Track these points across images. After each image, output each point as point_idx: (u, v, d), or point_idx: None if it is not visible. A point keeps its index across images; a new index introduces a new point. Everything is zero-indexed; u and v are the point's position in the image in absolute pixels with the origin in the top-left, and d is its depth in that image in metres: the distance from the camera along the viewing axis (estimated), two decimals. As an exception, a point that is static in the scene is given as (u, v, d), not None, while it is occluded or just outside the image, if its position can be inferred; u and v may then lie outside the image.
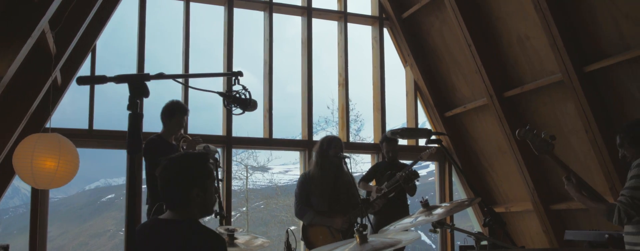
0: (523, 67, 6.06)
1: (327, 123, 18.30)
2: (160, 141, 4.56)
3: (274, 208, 22.03)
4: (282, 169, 27.94)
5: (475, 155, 7.21)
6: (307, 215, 4.69)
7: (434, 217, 2.58)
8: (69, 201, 29.57)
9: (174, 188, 2.32)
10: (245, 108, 2.41)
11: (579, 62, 5.31)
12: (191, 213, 2.36)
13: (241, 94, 2.40)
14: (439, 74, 7.22)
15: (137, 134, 1.79)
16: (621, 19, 4.97)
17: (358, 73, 7.76)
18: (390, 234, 3.01)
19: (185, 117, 4.69)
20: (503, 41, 6.14)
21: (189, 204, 2.33)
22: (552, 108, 5.92)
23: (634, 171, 3.02)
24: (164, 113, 4.62)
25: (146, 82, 1.83)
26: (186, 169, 2.34)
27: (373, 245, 2.82)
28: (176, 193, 2.32)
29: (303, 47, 6.90)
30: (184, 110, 4.67)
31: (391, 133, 2.84)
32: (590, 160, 5.72)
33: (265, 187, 24.32)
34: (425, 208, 2.68)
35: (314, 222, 4.68)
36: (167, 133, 4.64)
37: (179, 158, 2.40)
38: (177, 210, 2.35)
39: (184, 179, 2.32)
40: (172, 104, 4.64)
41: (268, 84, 6.64)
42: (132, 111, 1.78)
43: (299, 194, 4.78)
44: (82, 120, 5.87)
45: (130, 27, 6.26)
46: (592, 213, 3.39)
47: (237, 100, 2.38)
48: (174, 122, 4.60)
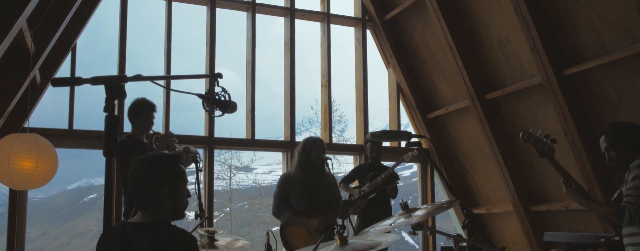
0: (504, 70, 6.12)
1: (310, 124, 18.30)
2: (132, 142, 4.46)
3: (257, 209, 21.97)
4: (265, 170, 27.85)
5: (456, 157, 7.26)
6: (285, 214, 4.68)
7: (414, 219, 2.59)
8: (49, 201, 29.17)
9: (145, 187, 2.30)
10: (224, 110, 2.40)
11: (559, 66, 5.38)
12: (162, 214, 2.33)
13: (221, 96, 2.39)
14: (421, 76, 7.26)
15: (114, 136, 1.78)
16: (599, 24, 5.04)
17: (341, 74, 7.79)
18: (371, 236, 3.02)
19: (153, 114, 4.56)
20: (484, 44, 6.19)
21: (159, 204, 2.31)
22: (532, 110, 5.99)
23: (635, 172, 2.98)
24: (132, 112, 4.51)
25: (124, 84, 1.83)
26: (157, 168, 2.32)
27: (353, 247, 2.83)
28: (147, 192, 2.30)
29: (286, 47, 6.90)
30: (151, 106, 4.54)
31: (371, 135, 2.85)
32: (568, 162, 5.78)
33: (249, 187, 24.23)
34: (404, 210, 2.70)
35: (291, 221, 4.68)
36: (137, 131, 4.53)
37: (150, 157, 2.38)
38: (148, 211, 2.32)
39: (154, 177, 2.31)
40: (138, 101, 4.52)
41: (251, 84, 6.62)
42: (108, 113, 1.77)
43: (278, 194, 4.79)
44: (62, 120, 5.81)
45: (112, 27, 6.20)
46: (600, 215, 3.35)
47: (217, 102, 2.38)
48: (143, 120, 4.49)
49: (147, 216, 2.32)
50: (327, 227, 4.71)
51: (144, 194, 2.32)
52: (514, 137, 6.33)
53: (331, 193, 4.73)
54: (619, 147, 3.17)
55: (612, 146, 3.19)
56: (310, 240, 4.60)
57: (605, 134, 3.24)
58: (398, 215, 2.73)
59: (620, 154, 3.17)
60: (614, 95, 5.15)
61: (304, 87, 18.82)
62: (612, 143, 3.19)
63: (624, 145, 3.15)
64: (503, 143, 6.35)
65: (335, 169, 4.94)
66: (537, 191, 6.31)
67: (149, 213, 2.32)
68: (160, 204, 2.31)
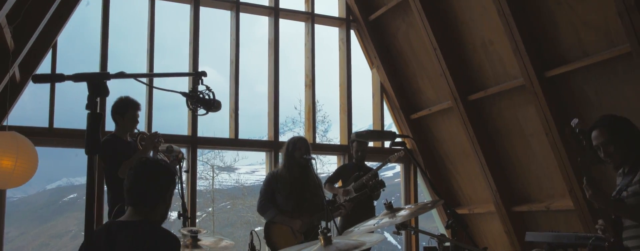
0: (487, 71, 6.17)
1: (294, 124, 18.27)
2: (116, 140, 4.40)
3: (240, 209, 21.90)
4: (248, 170, 27.71)
5: (439, 157, 7.30)
6: (270, 212, 4.68)
7: (398, 219, 2.60)
8: (28, 200, 28.74)
9: (147, 188, 2.41)
10: (208, 109, 2.38)
11: (541, 68, 5.43)
12: (153, 215, 2.42)
13: (205, 95, 2.38)
14: (405, 77, 7.29)
15: (96, 134, 1.75)
16: (580, 27, 5.11)
17: (325, 75, 7.78)
18: (355, 236, 3.02)
19: (138, 112, 4.50)
20: (467, 45, 6.24)
21: (156, 206, 2.42)
22: (514, 112, 6.04)
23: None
24: (116, 111, 4.45)
25: (106, 82, 1.80)
26: (165, 174, 2.47)
27: (337, 247, 2.83)
28: (147, 193, 2.40)
29: (270, 47, 6.88)
30: (135, 105, 4.48)
31: (356, 134, 2.84)
32: (550, 163, 5.86)
33: (232, 187, 24.11)
34: (388, 210, 2.70)
35: (275, 220, 4.68)
36: (121, 130, 4.48)
37: (156, 162, 2.53)
38: (141, 209, 2.40)
39: (162, 182, 2.44)
40: (122, 100, 4.46)
41: (234, 84, 6.59)
42: (91, 111, 1.74)
43: (264, 191, 4.78)
44: (42, 118, 5.72)
45: (94, 25, 6.13)
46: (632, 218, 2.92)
47: (201, 100, 2.36)
48: (128, 119, 4.43)
49: (137, 214, 2.40)
50: (310, 229, 4.71)
51: (143, 195, 2.41)
52: (496, 138, 6.39)
53: (317, 194, 4.73)
54: (619, 142, 2.90)
55: (611, 141, 2.90)
56: (294, 240, 4.60)
57: (603, 127, 2.94)
58: (382, 214, 2.73)
59: (618, 149, 2.91)
60: (593, 96, 5.21)
61: (288, 87, 18.80)
62: (611, 137, 2.90)
63: (625, 141, 2.89)
64: (485, 144, 6.40)
65: (318, 170, 4.94)
66: (519, 191, 6.37)
67: (141, 212, 2.40)
68: (156, 207, 2.41)
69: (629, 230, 2.92)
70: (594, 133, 2.95)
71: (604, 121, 2.97)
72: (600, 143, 2.93)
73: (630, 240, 2.91)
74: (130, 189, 2.43)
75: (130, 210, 2.44)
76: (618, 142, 2.89)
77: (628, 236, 2.92)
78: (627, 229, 2.92)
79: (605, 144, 2.91)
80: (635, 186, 2.85)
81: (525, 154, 6.13)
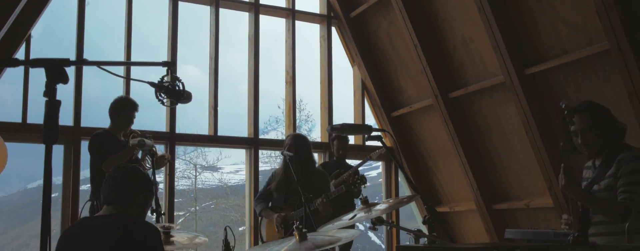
0: (467, 69, 6.16)
1: (278, 123, 18.18)
2: (107, 136, 4.47)
3: (224, 208, 21.84)
4: (232, 169, 27.57)
5: (420, 155, 7.28)
6: (258, 206, 4.82)
7: (373, 214, 2.55)
8: (8, 200, 28.32)
9: (129, 185, 2.49)
10: (178, 100, 2.32)
11: (520, 65, 5.43)
12: (130, 209, 2.48)
13: (174, 85, 2.31)
14: (386, 74, 7.26)
15: (55, 123, 1.69)
16: (559, 24, 5.11)
17: (309, 73, 7.69)
18: (330, 231, 2.98)
19: (134, 113, 4.60)
20: (448, 43, 6.22)
21: (131, 203, 2.48)
22: (495, 109, 6.04)
23: (632, 166, 2.66)
24: (113, 109, 4.55)
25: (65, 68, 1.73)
26: (143, 175, 2.60)
27: (313, 242, 2.78)
28: (129, 190, 2.48)
29: (250, 43, 6.81)
30: (133, 105, 4.59)
31: (330, 128, 2.79)
32: (530, 161, 5.86)
33: (215, 187, 24.00)
34: (364, 205, 2.66)
35: (261, 214, 4.82)
36: (115, 128, 4.56)
37: (135, 168, 2.64)
38: (116, 205, 2.46)
39: (139, 181, 2.54)
40: (121, 99, 4.61)
41: (214, 80, 6.51)
42: (49, 98, 1.67)
43: (262, 188, 4.94)
44: (15, 113, 5.60)
45: (70, 19, 5.99)
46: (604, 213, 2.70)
47: (170, 91, 2.29)
48: (122, 118, 4.52)
49: (113, 209, 2.46)
50: (291, 224, 4.72)
51: (125, 192, 2.49)
52: (476, 135, 6.38)
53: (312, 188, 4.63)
54: (599, 131, 2.76)
55: (591, 127, 2.75)
56: (277, 234, 4.69)
57: (585, 113, 2.79)
58: (358, 209, 2.69)
59: (597, 138, 2.77)
60: (573, 94, 5.22)
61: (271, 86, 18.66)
62: (592, 123, 2.75)
63: (604, 129, 2.76)
64: (466, 142, 6.39)
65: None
66: (499, 189, 6.38)
67: (116, 207, 2.46)
68: (131, 203, 2.47)
69: (598, 226, 2.83)
70: (575, 117, 2.79)
71: (585, 106, 2.83)
72: (579, 129, 2.79)
73: (599, 236, 2.81)
74: (106, 188, 2.51)
75: (104, 208, 2.49)
76: (598, 130, 2.77)
77: (597, 233, 2.82)
78: (597, 225, 2.83)
79: (584, 131, 2.78)
80: (608, 179, 2.77)
81: (505, 152, 6.13)
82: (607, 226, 2.80)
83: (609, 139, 2.82)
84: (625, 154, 2.75)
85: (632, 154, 2.76)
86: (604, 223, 2.82)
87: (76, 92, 5.68)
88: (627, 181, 2.70)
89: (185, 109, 6.19)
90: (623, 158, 2.74)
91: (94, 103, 6.34)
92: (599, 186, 2.82)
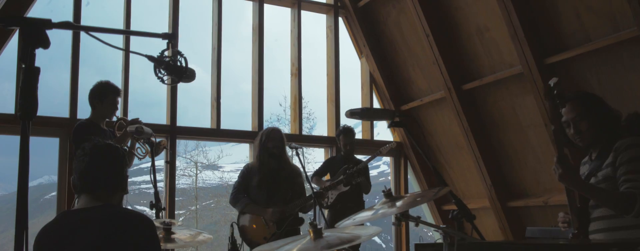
0: (482, 59, 5.88)
1: (279, 121, 17.98)
2: (92, 126, 4.15)
3: (224, 207, 21.80)
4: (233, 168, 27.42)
5: (431, 150, 7.00)
6: (240, 202, 4.58)
7: (397, 208, 2.28)
8: (9, 198, 28.15)
9: (111, 172, 2.20)
10: (180, 77, 2.04)
11: (540, 54, 5.16)
12: (114, 198, 2.20)
13: (176, 61, 2.04)
14: (395, 66, 6.98)
15: (33, 93, 1.41)
16: (583, 11, 4.83)
17: (312, 68, 7.37)
18: (348, 229, 2.70)
19: (118, 98, 4.26)
20: (462, 32, 5.94)
21: (117, 192, 2.22)
22: (511, 102, 5.76)
23: (632, 153, 2.44)
24: (94, 95, 4.19)
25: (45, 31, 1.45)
26: (122, 158, 2.27)
27: (328, 241, 2.50)
28: (114, 175, 2.20)
29: (254, 33, 6.52)
30: (116, 90, 4.25)
31: (350, 112, 2.52)
32: (548, 155, 5.59)
33: (216, 185, 23.93)
34: (388, 198, 2.39)
35: (245, 210, 4.57)
36: (98, 116, 4.23)
37: (111, 146, 2.29)
38: (103, 195, 2.16)
39: (120, 166, 2.25)
40: (102, 84, 4.22)
41: (216, 72, 6.22)
42: (27, 64, 1.40)
43: (237, 183, 4.70)
44: (7, 105, 5.33)
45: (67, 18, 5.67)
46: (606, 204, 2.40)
47: (170, 67, 2.02)
48: (106, 104, 4.18)
49: (96, 200, 2.15)
50: (284, 218, 4.49)
51: (103, 180, 2.18)
52: (491, 129, 6.11)
53: (293, 184, 4.64)
54: (593, 119, 2.58)
55: (584, 116, 2.58)
56: (266, 230, 4.48)
57: (576, 101, 2.62)
58: (381, 203, 2.41)
59: (591, 127, 2.58)
60: (596, 85, 4.94)
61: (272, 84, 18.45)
62: (585, 112, 2.59)
63: (598, 119, 2.58)
64: (480, 136, 6.11)
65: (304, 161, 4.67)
66: (514, 186, 6.10)
67: (99, 197, 2.16)
68: (116, 192, 2.21)
69: (599, 221, 2.57)
70: (566, 107, 2.62)
71: (577, 95, 2.66)
72: (571, 118, 2.60)
73: (601, 232, 2.55)
74: (85, 174, 2.16)
75: (85, 198, 2.16)
76: (592, 119, 2.57)
77: (598, 229, 2.57)
78: (597, 220, 2.58)
79: (577, 120, 2.59)
80: (606, 170, 2.51)
81: (522, 146, 5.85)
82: (608, 221, 2.54)
83: (604, 128, 2.59)
84: (623, 142, 2.52)
85: (630, 142, 2.52)
86: (605, 218, 2.56)
87: (72, 82, 5.40)
88: (629, 169, 2.45)
89: (186, 106, 5.89)
90: (620, 145, 2.52)
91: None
92: (597, 178, 2.55)
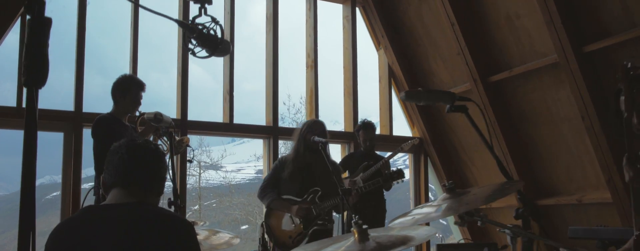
0: (511, 49, 5.54)
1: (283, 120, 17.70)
2: (113, 120, 3.91)
3: (227, 207, 21.60)
4: (235, 168, 27.17)
5: (453, 147, 6.67)
6: (268, 196, 4.27)
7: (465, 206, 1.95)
8: (11, 198, 27.89)
9: (153, 165, 1.90)
10: (213, 50, 1.71)
11: (578, 42, 4.82)
12: (150, 196, 1.88)
13: (209, 29, 1.71)
14: (415, 58, 6.63)
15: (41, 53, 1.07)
16: (626, -6, 4.51)
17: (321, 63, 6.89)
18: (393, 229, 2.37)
19: (141, 93, 4.03)
20: (490, 20, 5.60)
21: (153, 192, 1.89)
22: (543, 94, 5.42)
23: None
24: (117, 89, 3.98)
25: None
26: (162, 155, 1.99)
27: (378, 242, 2.17)
28: (154, 172, 1.89)
29: (268, 23, 6.18)
30: (140, 84, 4.03)
31: (405, 94, 2.18)
32: (583, 150, 5.27)
33: (218, 185, 23.75)
34: (450, 193, 2.06)
35: (272, 205, 4.25)
36: (120, 111, 4.00)
37: (153, 144, 2.01)
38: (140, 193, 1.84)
39: (164, 162, 1.97)
40: (125, 78, 4.04)
41: (229, 63, 5.88)
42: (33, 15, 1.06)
43: (268, 177, 4.40)
44: (9, 97, 5.00)
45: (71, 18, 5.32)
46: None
47: (203, 37, 1.68)
48: (129, 99, 3.96)
49: (128, 196, 1.83)
50: (312, 217, 4.18)
51: (143, 177, 1.86)
52: (519, 124, 5.77)
53: (329, 180, 4.22)
54: None
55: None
56: (292, 228, 4.17)
57: None
58: (442, 199, 2.08)
59: None
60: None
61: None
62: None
63: None
64: (508, 131, 5.78)
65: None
66: (545, 183, 5.76)
67: (134, 194, 1.83)
68: (152, 192, 1.89)
69: None
70: None
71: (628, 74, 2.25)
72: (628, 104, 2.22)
73: None
74: (124, 169, 1.85)
75: (115, 192, 1.83)
76: None
77: None
78: None
79: None
80: None
81: (554, 141, 5.52)
82: None
83: None
84: None
85: None
86: None
87: (77, 74, 5.06)
88: None
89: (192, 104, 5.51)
90: None
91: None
92: None
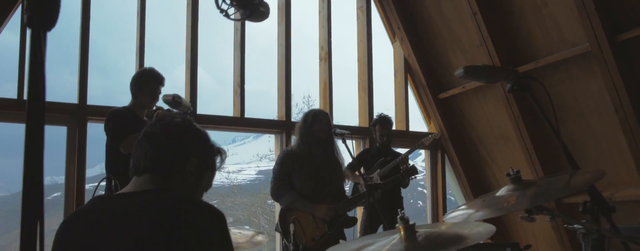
0: (537, 39, 5.28)
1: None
2: (128, 114, 3.73)
3: (230, 207, 21.45)
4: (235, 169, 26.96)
5: (472, 143, 6.40)
6: (288, 196, 3.85)
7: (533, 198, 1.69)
8: (12, 199, 27.66)
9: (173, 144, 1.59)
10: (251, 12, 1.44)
11: (612, 30, 4.55)
12: (170, 185, 1.56)
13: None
14: (433, 51, 6.37)
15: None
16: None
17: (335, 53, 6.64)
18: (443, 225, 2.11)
19: (160, 87, 3.84)
20: (515, 9, 5.33)
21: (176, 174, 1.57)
22: (571, 86, 5.16)
23: None
24: (135, 82, 3.83)
25: None
26: (196, 131, 1.66)
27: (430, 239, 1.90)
28: (172, 152, 1.58)
29: (280, 13, 5.91)
30: (158, 78, 3.83)
31: (464, 70, 1.91)
32: (614, 145, 5.00)
33: (220, 185, 23.58)
34: (515, 184, 1.80)
35: (294, 206, 3.84)
36: (137, 105, 3.82)
37: (182, 122, 1.68)
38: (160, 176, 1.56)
39: (191, 139, 1.63)
40: (144, 71, 3.89)
41: (240, 55, 5.61)
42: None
43: (278, 172, 3.94)
44: (10, 89, 4.74)
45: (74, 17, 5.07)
46: None
47: (240, -4, 1.41)
48: (146, 93, 3.79)
49: (148, 183, 1.55)
50: (337, 217, 3.90)
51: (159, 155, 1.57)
52: (545, 118, 5.50)
53: (340, 176, 4.05)
54: None
55: None
56: (315, 230, 3.83)
57: None
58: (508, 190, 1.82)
59: None
60: (679, 64, 4.35)
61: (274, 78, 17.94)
62: None
63: None
64: (532, 126, 5.51)
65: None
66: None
67: (152, 179, 1.55)
68: (175, 173, 1.57)
69: None
70: None
71: None
72: None
73: None
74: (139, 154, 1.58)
75: (134, 182, 1.56)
76: None
77: None
78: None
79: None
80: None
81: (581, 135, 5.25)
82: None
83: None
84: None
85: None
86: None
87: (81, 63, 4.80)
88: None
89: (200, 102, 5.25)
90: None
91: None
92: None
